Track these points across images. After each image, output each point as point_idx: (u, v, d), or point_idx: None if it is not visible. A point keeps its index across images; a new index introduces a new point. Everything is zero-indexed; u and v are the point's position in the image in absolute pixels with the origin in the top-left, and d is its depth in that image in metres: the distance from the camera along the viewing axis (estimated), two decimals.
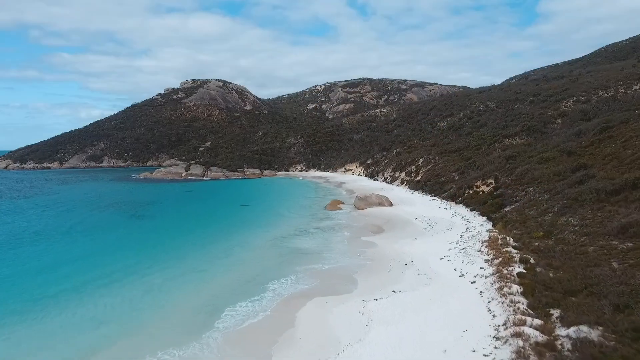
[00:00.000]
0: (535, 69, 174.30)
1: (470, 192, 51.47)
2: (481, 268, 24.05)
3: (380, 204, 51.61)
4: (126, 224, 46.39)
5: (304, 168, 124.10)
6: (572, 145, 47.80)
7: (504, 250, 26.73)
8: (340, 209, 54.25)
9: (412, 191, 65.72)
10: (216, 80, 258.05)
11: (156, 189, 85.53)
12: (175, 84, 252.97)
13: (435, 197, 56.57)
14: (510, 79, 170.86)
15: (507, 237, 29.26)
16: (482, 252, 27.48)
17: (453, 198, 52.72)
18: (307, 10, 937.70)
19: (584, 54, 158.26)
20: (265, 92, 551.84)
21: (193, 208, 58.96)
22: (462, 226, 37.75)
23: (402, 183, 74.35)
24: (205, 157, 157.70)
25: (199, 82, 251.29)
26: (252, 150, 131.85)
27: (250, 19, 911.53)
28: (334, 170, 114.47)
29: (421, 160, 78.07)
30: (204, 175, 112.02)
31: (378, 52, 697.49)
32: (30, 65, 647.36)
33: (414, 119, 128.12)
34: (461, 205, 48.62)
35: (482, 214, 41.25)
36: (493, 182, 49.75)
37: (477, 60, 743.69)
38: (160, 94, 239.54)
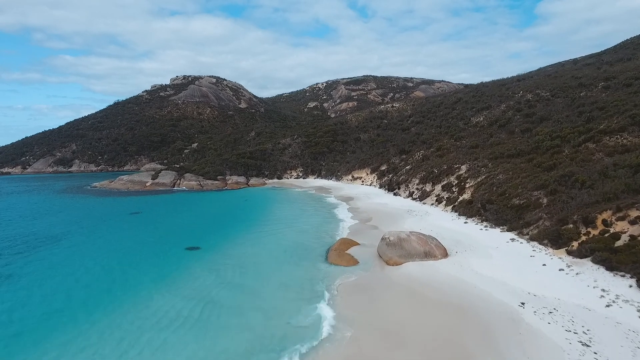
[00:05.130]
0: (552, 65, 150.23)
1: (594, 233, 28.02)
2: None
3: (428, 255, 28.04)
4: None
5: (300, 175, 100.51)
6: None
7: None
8: (355, 261, 30.60)
9: (461, 218, 42.24)
10: (209, 76, 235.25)
11: (92, 208, 62.33)
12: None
13: (515, 236, 33.07)
14: (514, 77, 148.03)
15: None
16: None
17: (555, 242, 29.26)
18: (307, 13, 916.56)
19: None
20: (266, 93, 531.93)
21: (104, 255, 33.86)
22: None
23: (439, 202, 50.88)
24: (190, 160, 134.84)
25: (190, 78, 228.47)
26: (238, 154, 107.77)
27: (251, 21, 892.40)
28: (338, 179, 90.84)
29: (464, 167, 54.65)
30: (174, 185, 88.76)
31: (378, 53, 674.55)
32: (33, 67, 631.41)
33: (435, 114, 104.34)
34: (590, 261, 25.18)
35: None
36: None
37: (476, 61, 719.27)
38: (146, 91, 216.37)
